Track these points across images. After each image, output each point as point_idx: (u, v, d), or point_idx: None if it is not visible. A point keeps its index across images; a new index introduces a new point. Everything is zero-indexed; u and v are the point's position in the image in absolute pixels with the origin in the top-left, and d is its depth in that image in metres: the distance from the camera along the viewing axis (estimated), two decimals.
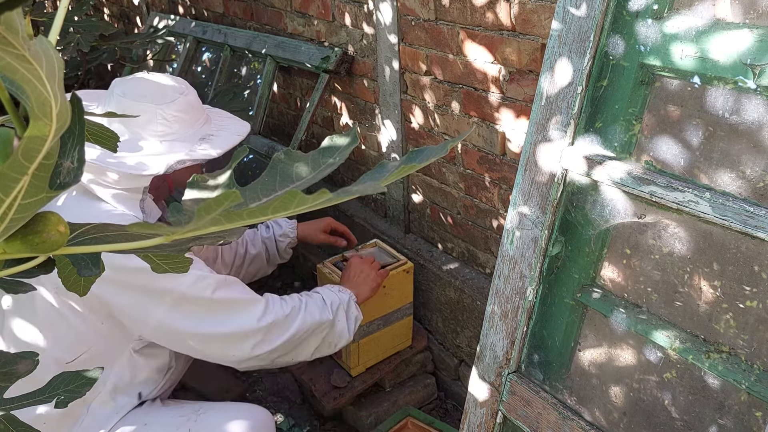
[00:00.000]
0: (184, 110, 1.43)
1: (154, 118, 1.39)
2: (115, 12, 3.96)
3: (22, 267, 0.42)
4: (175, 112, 1.41)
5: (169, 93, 1.42)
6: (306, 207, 0.34)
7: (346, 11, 2.07)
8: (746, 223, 0.89)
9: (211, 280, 1.41)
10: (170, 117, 1.40)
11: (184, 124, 1.43)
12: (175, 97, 1.42)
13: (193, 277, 1.38)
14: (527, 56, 1.51)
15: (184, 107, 1.43)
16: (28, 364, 0.53)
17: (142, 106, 1.39)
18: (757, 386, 0.93)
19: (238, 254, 1.90)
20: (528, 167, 1.19)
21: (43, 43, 0.32)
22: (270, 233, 1.94)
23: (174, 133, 1.41)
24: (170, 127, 1.41)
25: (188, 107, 1.44)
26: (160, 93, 1.42)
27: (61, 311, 1.35)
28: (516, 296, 1.22)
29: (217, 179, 0.43)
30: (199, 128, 1.46)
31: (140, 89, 1.42)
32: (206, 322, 1.40)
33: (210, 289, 1.40)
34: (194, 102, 1.47)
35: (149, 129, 1.39)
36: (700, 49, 0.94)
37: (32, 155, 0.33)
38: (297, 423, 1.99)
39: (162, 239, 0.40)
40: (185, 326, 1.39)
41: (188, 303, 1.38)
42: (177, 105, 1.42)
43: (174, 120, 1.41)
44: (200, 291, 1.39)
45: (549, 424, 1.16)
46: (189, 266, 0.50)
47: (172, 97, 1.42)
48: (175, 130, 1.41)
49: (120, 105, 1.40)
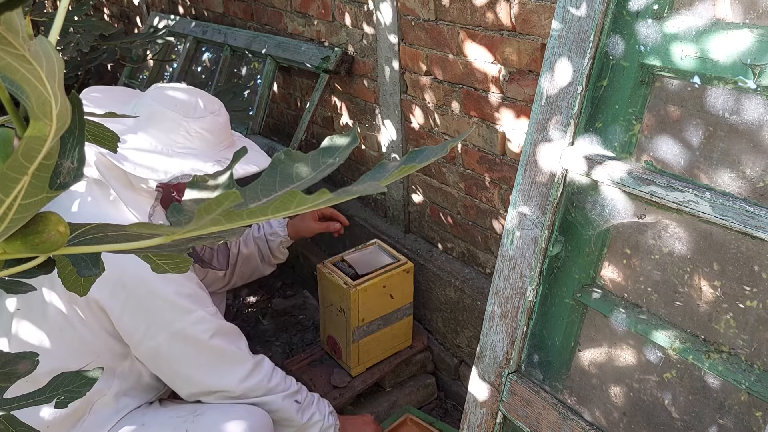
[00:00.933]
0: (209, 129, 1.43)
1: (177, 129, 1.39)
2: (115, 12, 3.96)
3: (22, 267, 0.42)
4: (200, 129, 1.41)
5: (199, 109, 1.43)
6: (306, 207, 0.34)
7: (346, 11, 2.07)
8: (746, 223, 0.89)
9: (212, 324, 1.43)
10: (193, 132, 1.41)
11: (206, 143, 1.43)
12: (203, 114, 1.43)
13: (198, 317, 1.41)
14: (527, 56, 1.51)
15: (210, 126, 1.43)
16: (28, 364, 0.53)
17: (170, 115, 1.39)
18: (757, 386, 0.93)
19: (232, 254, 1.90)
20: (528, 167, 1.19)
21: (43, 43, 0.32)
22: (261, 233, 1.93)
23: (193, 149, 1.41)
24: (191, 142, 1.41)
25: (215, 128, 1.44)
26: (191, 107, 1.42)
27: (71, 319, 1.36)
28: (516, 296, 1.22)
29: (217, 179, 0.43)
30: (219, 151, 1.46)
31: (173, 99, 1.43)
32: (192, 364, 1.42)
33: (208, 333, 1.42)
34: (222, 124, 1.47)
35: (169, 138, 1.39)
36: (700, 49, 0.94)
37: (32, 155, 0.33)
38: None
39: (162, 239, 0.40)
40: (174, 362, 1.42)
41: (183, 340, 1.40)
42: (203, 122, 1.42)
43: (196, 136, 1.41)
44: (199, 333, 1.41)
45: (549, 424, 1.16)
46: (189, 266, 0.50)
47: (201, 113, 1.42)
48: (196, 146, 1.42)
49: (149, 109, 1.41)
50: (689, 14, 0.97)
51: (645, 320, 1.08)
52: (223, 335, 1.45)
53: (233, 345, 1.47)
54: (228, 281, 1.93)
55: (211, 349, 1.42)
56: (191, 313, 1.39)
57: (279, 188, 0.40)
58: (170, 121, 1.39)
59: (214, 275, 1.87)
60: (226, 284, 1.94)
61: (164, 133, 1.39)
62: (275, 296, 2.58)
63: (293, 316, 2.47)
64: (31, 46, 0.30)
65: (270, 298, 2.56)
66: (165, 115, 1.39)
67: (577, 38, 1.09)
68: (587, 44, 1.07)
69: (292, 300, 2.54)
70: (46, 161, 0.35)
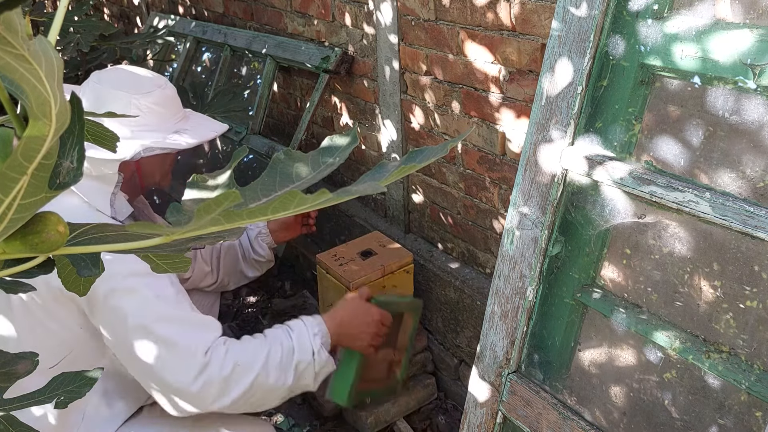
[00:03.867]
0: (159, 103, 1.41)
1: (128, 107, 1.37)
2: (115, 12, 3.96)
3: (21, 267, 0.42)
4: (150, 104, 1.40)
5: (146, 84, 1.41)
6: (306, 207, 0.34)
7: (346, 11, 2.07)
8: (746, 223, 0.89)
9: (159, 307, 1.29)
10: (144, 108, 1.39)
11: (159, 117, 1.41)
12: (151, 89, 1.41)
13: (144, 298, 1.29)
14: (527, 56, 1.51)
15: (160, 100, 1.41)
16: (27, 364, 0.53)
17: (118, 94, 1.38)
18: (757, 386, 0.93)
19: (215, 248, 1.88)
20: (528, 167, 1.19)
21: (43, 43, 0.31)
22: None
23: (147, 125, 1.39)
24: (144, 118, 1.39)
25: (164, 100, 1.43)
26: (137, 83, 1.41)
27: (38, 316, 1.32)
28: (516, 296, 1.22)
29: (216, 179, 0.43)
30: (174, 123, 1.44)
31: (117, 78, 1.41)
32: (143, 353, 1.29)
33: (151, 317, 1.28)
34: (172, 97, 1.46)
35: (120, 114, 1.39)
36: (700, 49, 0.94)
37: (32, 155, 0.33)
38: (297, 423, 1.99)
39: (162, 239, 0.40)
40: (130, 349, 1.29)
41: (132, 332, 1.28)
42: (153, 97, 1.40)
43: (148, 111, 1.40)
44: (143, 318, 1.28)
45: (549, 424, 1.16)
46: (189, 266, 0.50)
47: (148, 88, 1.41)
48: (149, 122, 1.40)
49: (94, 92, 1.39)
50: (689, 14, 0.97)
51: (645, 320, 1.08)
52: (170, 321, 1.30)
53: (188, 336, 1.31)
54: (216, 279, 1.90)
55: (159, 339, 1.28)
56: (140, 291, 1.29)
57: (279, 188, 0.40)
58: (119, 100, 1.38)
59: (201, 270, 1.85)
60: (215, 282, 1.91)
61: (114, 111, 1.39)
62: (275, 296, 2.58)
63: (293, 316, 2.45)
64: (31, 46, 0.30)
65: (270, 298, 2.56)
66: (112, 94, 1.38)
67: (577, 38, 1.09)
68: (587, 44, 1.07)
69: (292, 300, 2.54)
70: (46, 161, 0.35)
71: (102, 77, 1.41)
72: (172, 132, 1.41)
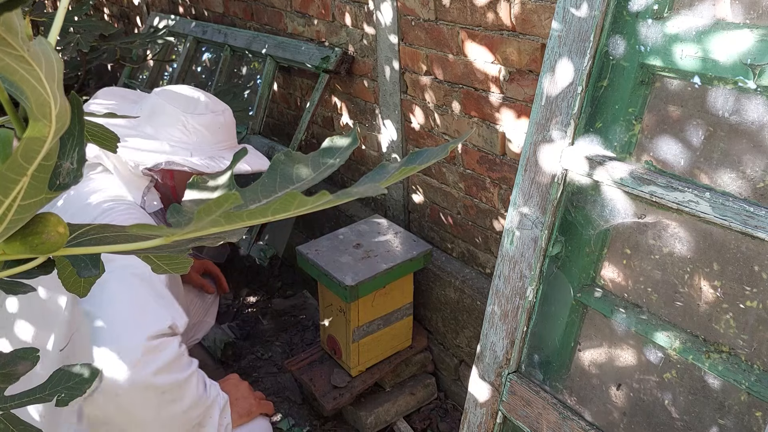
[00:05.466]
0: (207, 126, 1.46)
1: (175, 123, 1.44)
2: (115, 12, 3.96)
3: (21, 268, 0.42)
4: (197, 125, 1.46)
5: (200, 107, 1.47)
6: (306, 208, 0.34)
7: (346, 11, 2.07)
8: (746, 223, 0.89)
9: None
10: (190, 127, 1.45)
11: (203, 140, 1.46)
12: (204, 112, 1.47)
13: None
14: (527, 56, 1.51)
15: (208, 124, 1.47)
16: (27, 365, 0.53)
17: (170, 109, 1.45)
18: (757, 386, 0.93)
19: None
20: (528, 167, 1.19)
21: (43, 44, 0.31)
22: None
23: (188, 143, 1.45)
24: (188, 137, 1.45)
25: (213, 126, 1.48)
26: (192, 104, 1.47)
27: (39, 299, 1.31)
28: (516, 296, 1.22)
29: (217, 180, 0.43)
30: (216, 150, 1.48)
31: (176, 95, 1.48)
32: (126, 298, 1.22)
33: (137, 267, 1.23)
34: (222, 124, 1.50)
35: (167, 131, 1.44)
36: (700, 49, 0.94)
37: (31, 156, 0.33)
38: (297, 423, 1.99)
39: (162, 240, 0.40)
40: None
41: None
42: (202, 119, 1.46)
43: (193, 131, 1.45)
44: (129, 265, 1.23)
45: (549, 424, 1.16)
46: (189, 267, 0.50)
47: (201, 111, 1.47)
48: (191, 141, 1.45)
49: (151, 102, 1.47)
50: (689, 14, 0.97)
51: (645, 320, 1.08)
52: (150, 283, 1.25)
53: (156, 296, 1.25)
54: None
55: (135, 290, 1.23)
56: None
57: (279, 189, 0.40)
58: (169, 115, 1.45)
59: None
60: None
61: (163, 126, 1.45)
62: (275, 296, 2.58)
63: (293, 316, 2.47)
64: (30, 47, 0.30)
65: (270, 298, 2.56)
66: (165, 109, 1.45)
67: (577, 38, 1.09)
68: (587, 44, 1.07)
69: (292, 300, 2.54)
70: (46, 162, 0.35)
71: (164, 91, 1.49)
72: (207, 156, 1.45)
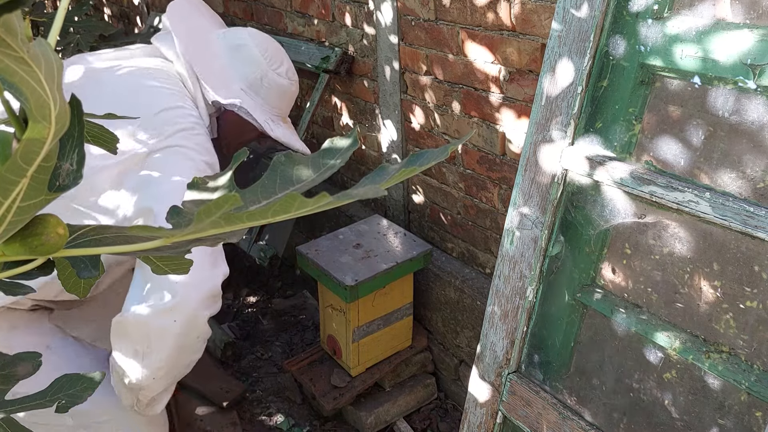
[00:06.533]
0: (279, 91, 1.49)
1: (256, 71, 1.45)
2: (115, 12, 3.96)
3: (21, 269, 0.42)
4: (273, 84, 1.47)
5: (282, 68, 1.49)
6: (306, 210, 0.34)
7: (346, 11, 2.07)
8: (746, 223, 0.88)
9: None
10: (266, 82, 1.47)
11: (269, 99, 1.47)
12: (284, 75, 1.49)
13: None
14: (527, 56, 1.51)
15: (282, 89, 1.49)
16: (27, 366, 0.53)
17: (256, 55, 1.46)
18: (757, 386, 0.93)
19: None
20: (528, 167, 1.18)
21: (42, 45, 0.31)
22: None
23: (256, 96, 1.46)
24: (258, 90, 1.46)
25: (284, 93, 1.50)
26: (278, 61, 1.49)
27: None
28: (516, 296, 1.22)
29: (217, 181, 0.43)
30: (272, 114, 1.49)
31: (267, 45, 1.49)
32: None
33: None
34: (290, 95, 1.53)
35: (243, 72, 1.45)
36: (700, 49, 0.94)
37: (31, 157, 0.33)
38: (297, 423, 1.99)
39: (162, 241, 0.40)
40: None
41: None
42: (280, 81, 1.48)
43: (267, 87, 1.47)
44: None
45: (549, 424, 1.16)
46: (189, 268, 0.50)
47: (282, 73, 1.49)
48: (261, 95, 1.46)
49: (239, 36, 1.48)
50: (689, 14, 0.97)
51: (645, 320, 1.08)
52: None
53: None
54: None
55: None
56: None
57: (279, 191, 0.40)
58: (253, 60, 1.46)
59: None
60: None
61: (241, 66, 1.45)
62: (275, 296, 2.58)
63: (293, 316, 2.47)
64: (30, 48, 0.30)
65: (270, 298, 2.56)
66: (251, 51, 1.46)
67: (577, 38, 1.09)
68: (587, 44, 1.07)
69: (292, 300, 2.54)
70: (45, 163, 0.34)
71: (258, 34, 1.49)
72: (268, 117, 1.46)
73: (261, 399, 2.09)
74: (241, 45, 1.46)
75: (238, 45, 1.46)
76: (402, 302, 1.90)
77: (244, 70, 1.45)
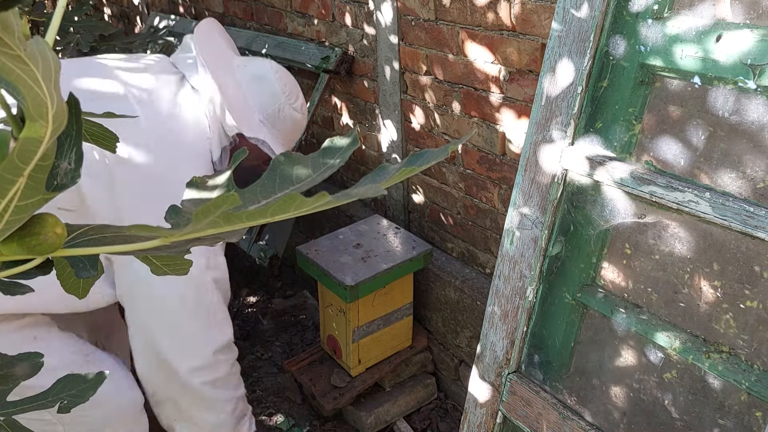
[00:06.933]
0: (291, 123, 1.54)
1: (274, 103, 1.49)
2: (115, 12, 3.96)
3: (19, 269, 0.42)
4: (288, 117, 1.52)
5: (298, 104, 1.54)
6: (306, 210, 0.34)
7: (347, 11, 2.07)
8: (746, 223, 0.88)
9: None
10: (282, 115, 1.51)
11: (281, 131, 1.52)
12: (297, 110, 1.54)
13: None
14: (527, 56, 1.51)
15: (294, 123, 1.54)
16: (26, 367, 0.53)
17: (277, 88, 1.49)
18: (757, 386, 0.93)
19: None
20: (528, 167, 1.18)
21: (40, 44, 0.31)
22: None
23: (272, 128, 1.50)
24: (273, 122, 1.50)
25: (295, 127, 1.56)
26: (295, 96, 1.54)
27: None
28: (516, 296, 1.22)
29: (215, 180, 0.43)
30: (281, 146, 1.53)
31: (287, 79, 1.53)
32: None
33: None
34: (300, 128, 1.59)
35: (260, 101, 1.48)
36: (700, 49, 0.94)
37: (28, 157, 0.33)
38: (297, 423, 1.99)
39: (160, 241, 0.40)
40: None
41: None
42: (294, 114, 1.53)
43: (281, 120, 1.51)
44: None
45: (549, 424, 1.15)
46: (188, 268, 0.49)
47: (296, 108, 1.53)
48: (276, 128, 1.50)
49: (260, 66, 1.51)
50: (689, 14, 0.97)
51: (645, 320, 1.08)
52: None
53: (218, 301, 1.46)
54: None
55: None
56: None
57: (279, 190, 0.39)
58: (274, 95, 1.49)
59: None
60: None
61: (259, 95, 1.48)
62: (275, 296, 2.58)
63: (293, 316, 2.46)
64: (27, 47, 0.30)
65: (270, 298, 2.56)
66: (272, 84, 1.49)
67: (577, 38, 1.09)
68: (587, 44, 1.07)
69: (292, 300, 2.54)
70: (43, 162, 0.34)
71: (278, 69, 1.52)
72: (281, 149, 1.51)
73: (261, 399, 2.09)
74: (263, 77, 1.50)
75: (260, 76, 1.50)
76: (402, 302, 1.90)
77: (263, 101, 1.49)
